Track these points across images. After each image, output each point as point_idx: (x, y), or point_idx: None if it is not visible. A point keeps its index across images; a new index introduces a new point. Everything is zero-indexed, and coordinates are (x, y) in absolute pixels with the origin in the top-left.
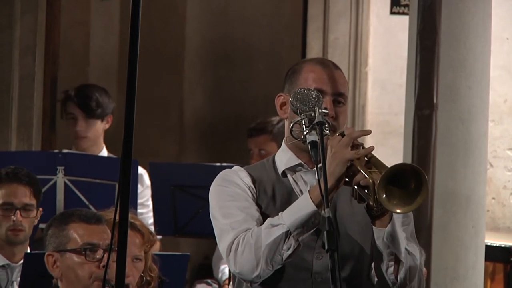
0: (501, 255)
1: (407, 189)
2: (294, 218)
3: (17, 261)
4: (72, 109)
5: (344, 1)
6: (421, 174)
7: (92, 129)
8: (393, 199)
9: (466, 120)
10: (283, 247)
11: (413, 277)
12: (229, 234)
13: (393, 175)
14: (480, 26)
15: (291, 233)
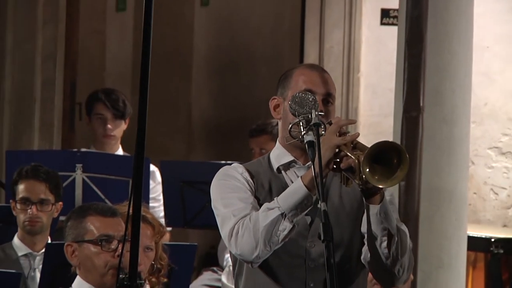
0: (482, 245)
1: (390, 165)
2: (288, 201)
3: (38, 250)
4: (101, 110)
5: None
6: (402, 151)
7: (118, 129)
8: (375, 175)
9: (449, 121)
10: (279, 228)
11: (404, 252)
12: (231, 220)
13: (376, 152)
14: (462, 35)
15: (286, 215)
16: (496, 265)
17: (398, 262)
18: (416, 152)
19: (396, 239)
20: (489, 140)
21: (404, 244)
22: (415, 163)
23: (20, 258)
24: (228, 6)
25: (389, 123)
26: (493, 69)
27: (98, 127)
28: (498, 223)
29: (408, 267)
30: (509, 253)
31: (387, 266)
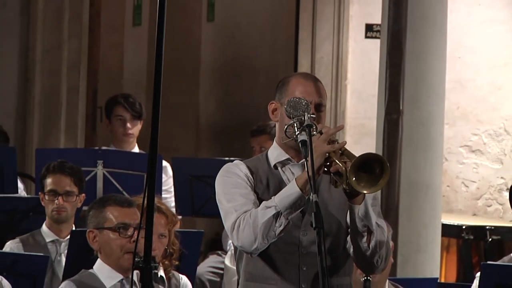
0: (454, 232)
1: (373, 174)
2: (284, 201)
3: (63, 236)
4: (121, 112)
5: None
6: (384, 162)
7: (135, 128)
8: (361, 182)
9: (425, 123)
10: (275, 224)
11: (382, 245)
12: (233, 215)
13: (361, 163)
14: (437, 47)
15: (282, 213)
16: (467, 249)
17: (377, 254)
18: (396, 150)
19: (375, 234)
20: (460, 139)
21: (382, 239)
22: (395, 160)
23: (47, 244)
24: (231, 22)
25: (372, 125)
26: (464, 77)
27: (119, 127)
28: (469, 212)
29: (385, 258)
30: (478, 239)
31: (367, 257)
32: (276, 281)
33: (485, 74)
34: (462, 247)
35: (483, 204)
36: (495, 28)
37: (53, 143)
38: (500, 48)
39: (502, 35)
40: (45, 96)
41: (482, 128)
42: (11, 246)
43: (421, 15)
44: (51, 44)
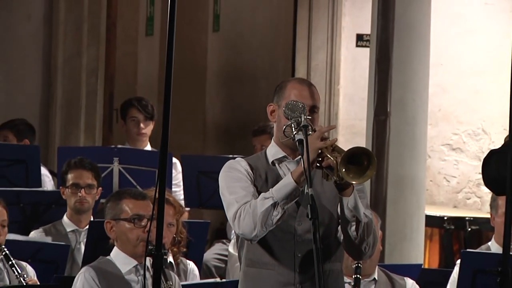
0: (437, 222)
1: (361, 166)
2: (280, 193)
3: (83, 226)
4: (135, 114)
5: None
6: (371, 155)
7: (148, 128)
8: (350, 173)
9: (411, 123)
10: (273, 213)
11: (369, 233)
12: (234, 206)
13: (351, 155)
14: (421, 55)
15: (279, 203)
16: (448, 238)
17: (364, 242)
18: (384, 148)
19: (363, 224)
20: (442, 138)
21: (369, 228)
22: (383, 157)
23: (68, 233)
24: (234, 31)
25: (363, 125)
26: (446, 82)
27: (133, 128)
28: (450, 204)
29: (373, 245)
30: (459, 229)
31: (356, 244)
32: (273, 266)
33: (465, 80)
34: (444, 236)
35: (463, 197)
36: (474, 37)
37: (73, 142)
38: (478, 56)
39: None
40: (66, 99)
41: (462, 128)
42: (35, 235)
43: (407, 26)
44: (71, 52)
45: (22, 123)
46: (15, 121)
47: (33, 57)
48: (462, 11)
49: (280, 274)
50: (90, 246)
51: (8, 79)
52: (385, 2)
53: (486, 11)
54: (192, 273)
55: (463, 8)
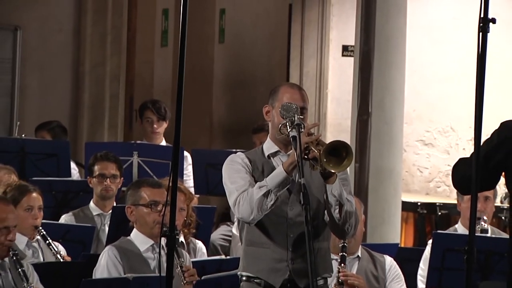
0: (411, 207)
1: (340, 157)
2: (273, 181)
3: (107, 211)
4: (149, 115)
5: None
6: (348, 147)
7: (161, 128)
8: (330, 163)
9: (389, 122)
10: (267, 200)
11: (351, 216)
12: (234, 193)
13: (331, 148)
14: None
15: (272, 191)
16: (421, 221)
17: (347, 223)
18: (366, 144)
19: (345, 208)
20: (416, 135)
21: (351, 210)
22: (365, 151)
23: (94, 216)
24: (237, 43)
25: (347, 124)
26: (419, 86)
27: (148, 127)
28: (423, 192)
29: (354, 226)
30: (430, 213)
31: (339, 225)
32: (269, 245)
33: (436, 84)
34: (417, 219)
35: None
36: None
37: (98, 138)
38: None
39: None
40: (92, 101)
41: (433, 126)
42: (65, 218)
43: (385, 38)
44: (96, 60)
45: (57, 125)
46: (52, 123)
47: (64, 65)
48: (434, 25)
49: (274, 252)
50: (113, 228)
51: (42, 84)
52: (367, 18)
53: (454, 24)
54: (200, 251)
55: (434, 22)
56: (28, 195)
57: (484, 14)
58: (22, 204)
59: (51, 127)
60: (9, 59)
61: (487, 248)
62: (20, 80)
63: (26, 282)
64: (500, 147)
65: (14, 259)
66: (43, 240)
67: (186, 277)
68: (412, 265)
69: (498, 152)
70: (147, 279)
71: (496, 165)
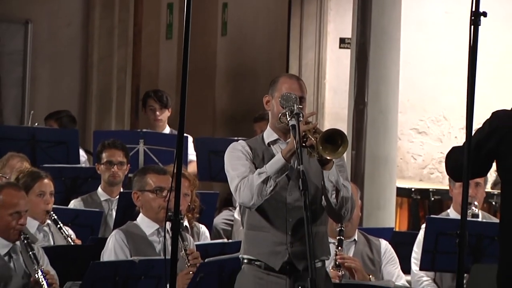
0: (405, 193)
1: (335, 144)
2: (272, 168)
3: (114, 196)
4: (152, 103)
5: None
6: (343, 135)
7: (164, 115)
8: (326, 150)
9: (384, 112)
10: (267, 186)
11: (347, 201)
12: (236, 180)
13: (327, 136)
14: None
15: (271, 177)
16: (415, 206)
17: (343, 208)
18: (362, 132)
19: (341, 193)
20: (410, 124)
21: (347, 195)
22: (362, 139)
23: (102, 202)
24: (239, 35)
25: (345, 113)
26: (413, 77)
27: (151, 115)
28: (416, 178)
29: (350, 210)
30: (424, 198)
31: (336, 210)
32: (269, 229)
33: (429, 75)
34: (411, 204)
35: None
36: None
37: (106, 127)
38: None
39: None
40: (100, 92)
41: (427, 115)
42: (74, 204)
43: (381, 31)
44: (104, 53)
45: (66, 115)
46: (61, 113)
47: (73, 57)
48: (427, 19)
49: (274, 236)
50: (120, 213)
51: (52, 75)
52: (363, 12)
53: (447, 18)
54: (204, 235)
55: (428, 16)
56: (40, 181)
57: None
58: (34, 189)
59: (59, 117)
60: (20, 51)
61: (478, 232)
62: (31, 71)
63: (37, 264)
64: (492, 136)
65: (25, 242)
66: (54, 224)
67: (190, 260)
68: (406, 248)
69: (490, 141)
70: (152, 261)
71: (487, 153)
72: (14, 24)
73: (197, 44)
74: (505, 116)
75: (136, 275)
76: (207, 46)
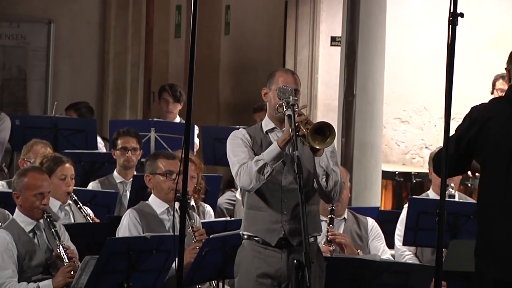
0: (390, 176)
1: (324, 135)
2: (269, 155)
3: (128, 179)
4: (166, 96)
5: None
6: (331, 127)
7: (176, 108)
8: (316, 141)
9: (371, 103)
10: (264, 171)
11: (336, 184)
12: (236, 165)
13: (317, 128)
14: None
15: (268, 163)
16: (398, 188)
17: (333, 190)
18: (351, 121)
19: (331, 177)
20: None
21: (336, 179)
22: (351, 128)
23: (117, 184)
24: (240, 35)
25: (335, 104)
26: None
27: (164, 106)
28: (400, 163)
29: (339, 192)
30: (406, 181)
31: (326, 191)
32: (266, 209)
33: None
34: (395, 186)
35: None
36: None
37: (121, 116)
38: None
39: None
40: (116, 85)
41: (409, 106)
42: (93, 185)
43: (368, 30)
44: (119, 49)
45: (84, 106)
46: (80, 104)
47: (91, 53)
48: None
49: (271, 215)
50: (134, 194)
51: (72, 69)
52: (352, 13)
53: (428, 19)
54: (208, 213)
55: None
56: (62, 165)
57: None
58: (57, 173)
59: (78, 107)
60: (43, 48)
61: (455, 211)
62: (53, 66)
63: (58, 240)
64: (472, 127)
65: (48, 220)
66: (74, 204)
67: (197, 236)
68: (391, 225)
69: (470, 132)
70: (162, 237)
71: (466, 145)
72: (38, 23)
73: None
74: (483, 108)
75: (148, 249)
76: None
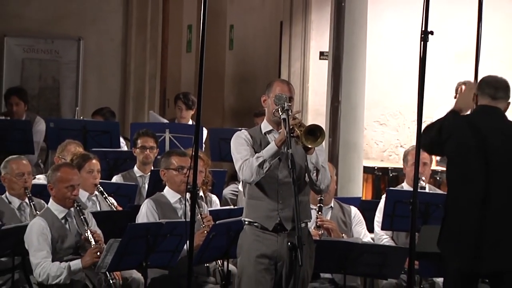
0: (370, 171)
1: (315, 136)
2: (268, 153)
3: (146, 173)
4: (180, 104)
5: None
6: (321, 129)
7: (188, 114)
8: (308, 141)
9: (354, 108)
10: (263, 167)
11: (324, 178)
12: (239, 161)
13: (309, 130)
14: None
15: (267, 160)
16: (377, 181)
17: (322, 183)
18: (337, 124)
19: (320, 172)
20: (374, 117)
21: (324, 174)
22: (336, 129)
23: (137, 177)
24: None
25: (323, 109)
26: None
27: (178, 112)
28: (378, 159)
29: (327, 185)
30: (384, 175)
31: (316, 184)
32: (264, 199)
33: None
34: (374, 179)
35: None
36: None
37: (140, 120)
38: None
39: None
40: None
41: (387, 111)
42: (116, 178)
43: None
44: (139, 63)
45: (107, 110)
46: (103, 109)
47: (115, 66)
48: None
49: (268, 204)
50: (151, 186)
51: (99, 80)
52: (337, 31)
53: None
54: (215, 203)
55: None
56: (89, 161)
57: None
58: (85, 168)
59: (102, 112)
60: (74, 61)
61: (426, 201)
62: (82, 77)
63: (86, 225)
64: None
65: (77, 209)
66: (100, 194)
67: (205, 222)
68: (371, 213)
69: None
70: (176, 223)
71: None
72: (69, 40)
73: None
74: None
75: (163, 234)
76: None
